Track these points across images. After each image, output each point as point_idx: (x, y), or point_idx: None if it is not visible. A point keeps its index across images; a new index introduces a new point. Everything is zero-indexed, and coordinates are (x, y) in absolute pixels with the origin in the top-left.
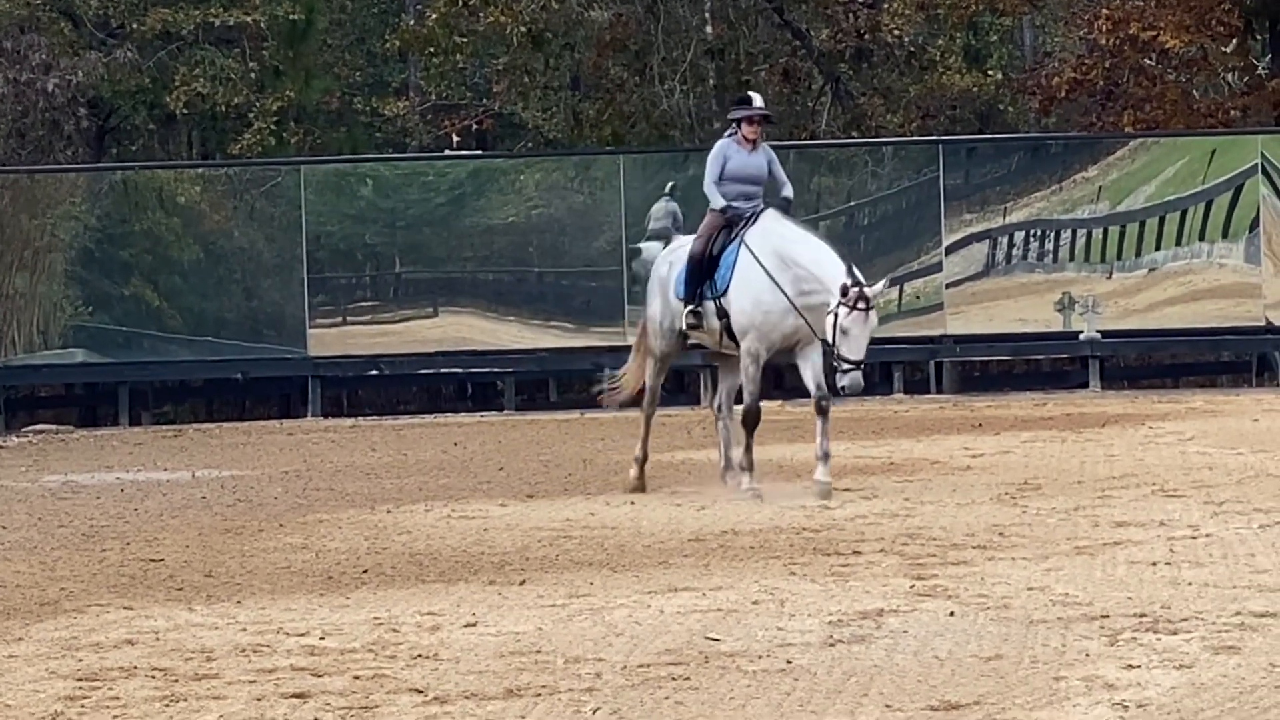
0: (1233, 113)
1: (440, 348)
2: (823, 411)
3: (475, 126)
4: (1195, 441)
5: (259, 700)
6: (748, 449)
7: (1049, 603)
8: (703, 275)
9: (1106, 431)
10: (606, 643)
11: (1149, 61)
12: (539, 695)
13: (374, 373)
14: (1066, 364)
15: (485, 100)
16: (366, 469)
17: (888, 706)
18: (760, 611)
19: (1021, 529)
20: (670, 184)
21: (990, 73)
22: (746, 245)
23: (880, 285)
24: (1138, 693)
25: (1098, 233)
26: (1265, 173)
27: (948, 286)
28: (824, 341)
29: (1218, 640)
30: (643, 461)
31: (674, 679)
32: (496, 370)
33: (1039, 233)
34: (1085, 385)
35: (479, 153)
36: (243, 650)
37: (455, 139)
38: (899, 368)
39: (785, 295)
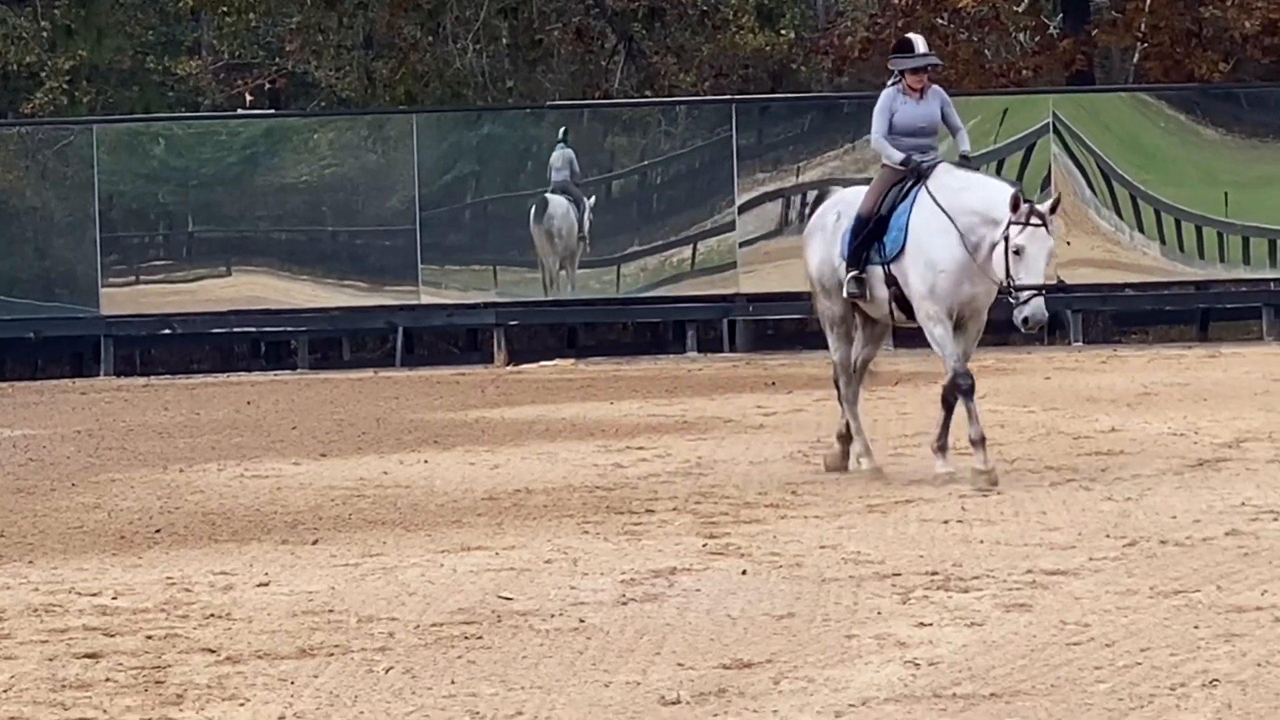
0: (1024, 72)
1: (233, 306)
2: (965, 392)
3: (268, 86)
4: (987, 399)
5: (51, 660)
6: (975, 418)
7: (841, 561)
8: (871, 237)
9: (899, 390)
10: (399, 602)
11: (941, 21)
12: (332, 654)
13: (167, 332)
14: None
15: (278, 59)
16: (159, 428)
17: (680, 665)
18: (553, 570)
19: (814, 487)
20: (563, 129)
21: (783, 32)
22: (921, 202)
23: (1050, 203)
24: (929, 650)
25: None
26: (1056, 132)
27: (741, 245)
28: (999, 284)
29: (1009, 598)
30: (848, 439)
31: (467, 638)
32: (290, 329)
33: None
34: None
35: (272, 112)
36: (34, 610)
37: (248, 98)
38: (692, 326)
39: (963, 253)
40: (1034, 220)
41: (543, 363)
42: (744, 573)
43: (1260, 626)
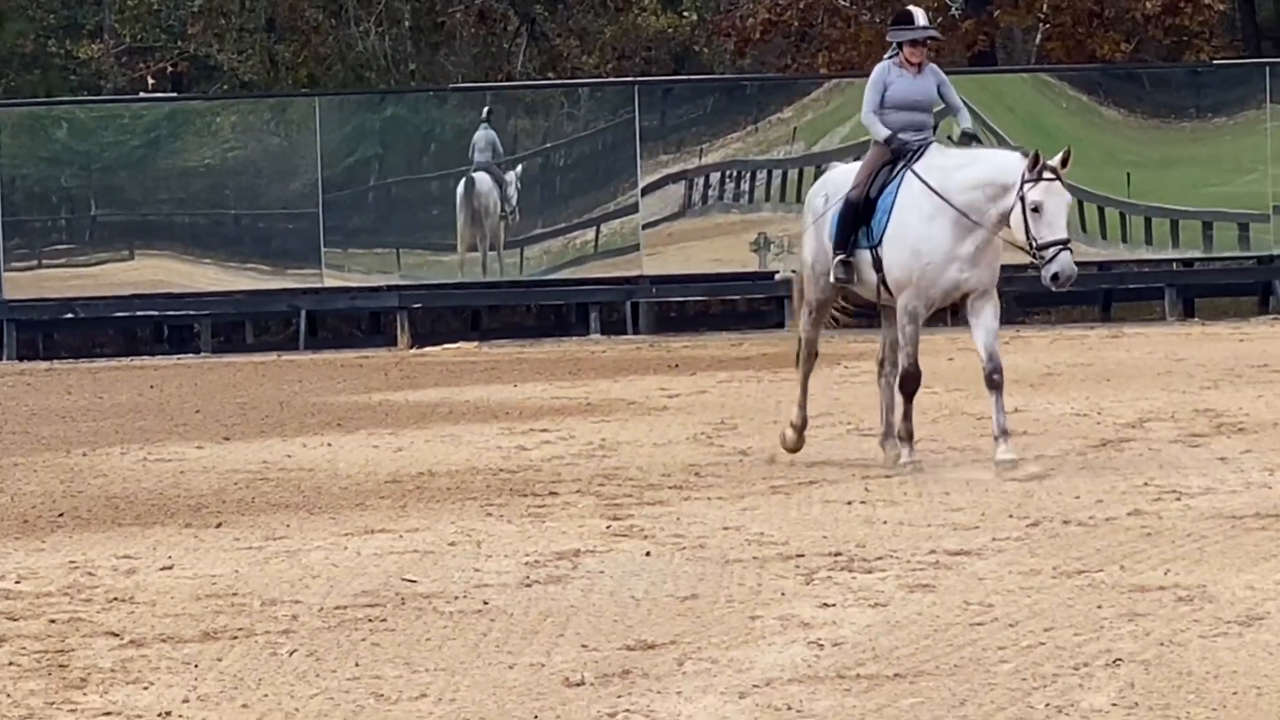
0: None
1: (136, 290)
2: (995, 386)
3: (171, 69)
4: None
5: None
6: (906, 416)
7: (745, 542)
8: (858, 220)
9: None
10: (303, 585)
11: (843, 2)
12: (235, 638)
13: (69, 316)
14: (762, 304)
15: (180, 43)
16: (62, 412)
17: (584, 646)
18: (457, 553)
19: (717, 469)
20: (486, 108)
21: (686, 14)
22: (908, 185)
23: (1060, 156)
24: (833, 631)
25: (793, 173)
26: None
27: (644, 227)
28: (1023, 249)
29: (912, 579)
30: (801, 426)
31: (370, 620)
32: (193, 313)
33: (735, 174)
34: (781, 325)
35: (174, 95)
36: None
37: (151, 81)
38: (596, 308)
39: (953, 240)
40: (1046, 175)
41: (446, 345)
42: (648, 554)
43: (1163, 606)
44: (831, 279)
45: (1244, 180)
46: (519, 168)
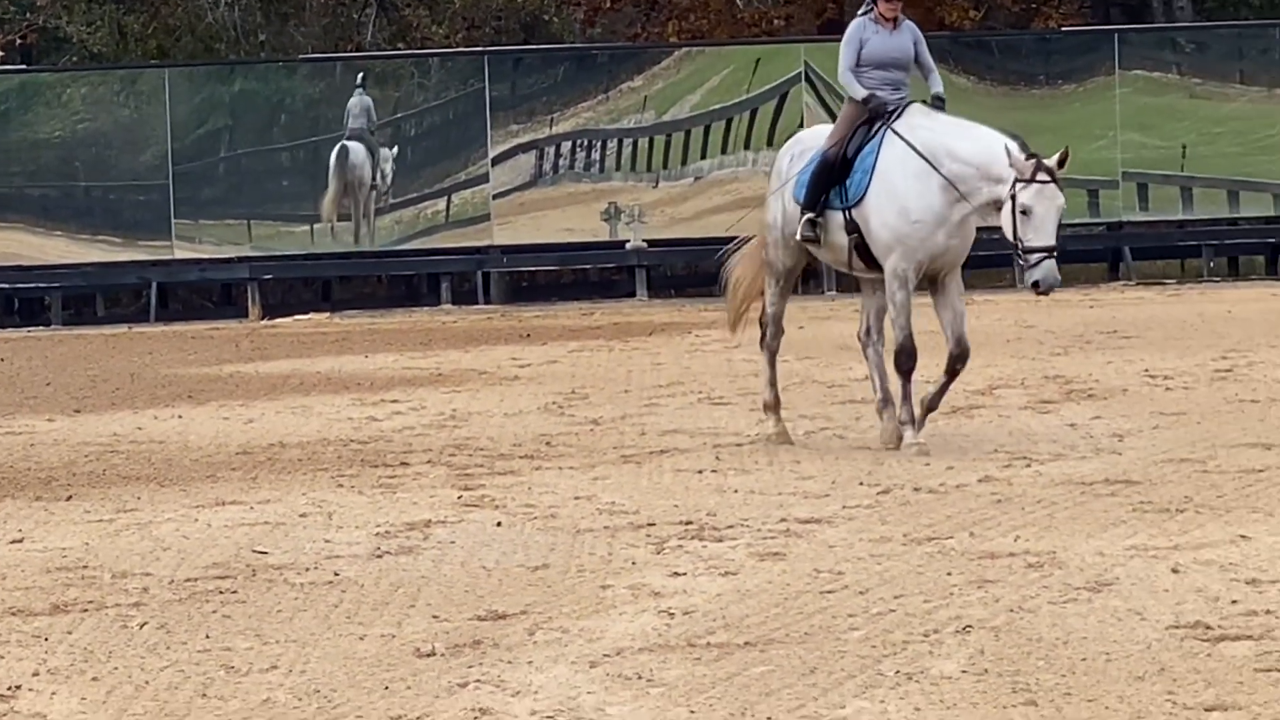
0: (776, 22)
1: None
2: (953, 374)
3: (19, 41)
4: (741, 349)
5: None
6: (907, 397)
7: (596, 511)
8: (832, 179)
9: (653, 340)
10: (154, 557)
11: None
12: (86, 611)
13: None
14: (614, 273)
15: (29, 14)
16: None
17: (435, 617)
18: (308, 524)
19: (568, 438)
20: (360, 74)
21: None
22: (890, 144)
23: (1057, 157)
24: (683, 600)
25: (644, 142)
26: (809, 80)
27: (495, 197)
28: (1008, 240)
29: (763, 547)
30: (775, 405)
31: (221, 592)
32: (43, 285)
33: (585, 143)
34: (632, 294)
35: (23, 67)
36: None
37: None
38: (447, 278)
39: (941, 202)
40: (1041, 177)
41: (297, 317)
42: (499, 524)
43: (1013, 573)
44: (798, 236)
45: (1093, 147)
46: (395, 149)
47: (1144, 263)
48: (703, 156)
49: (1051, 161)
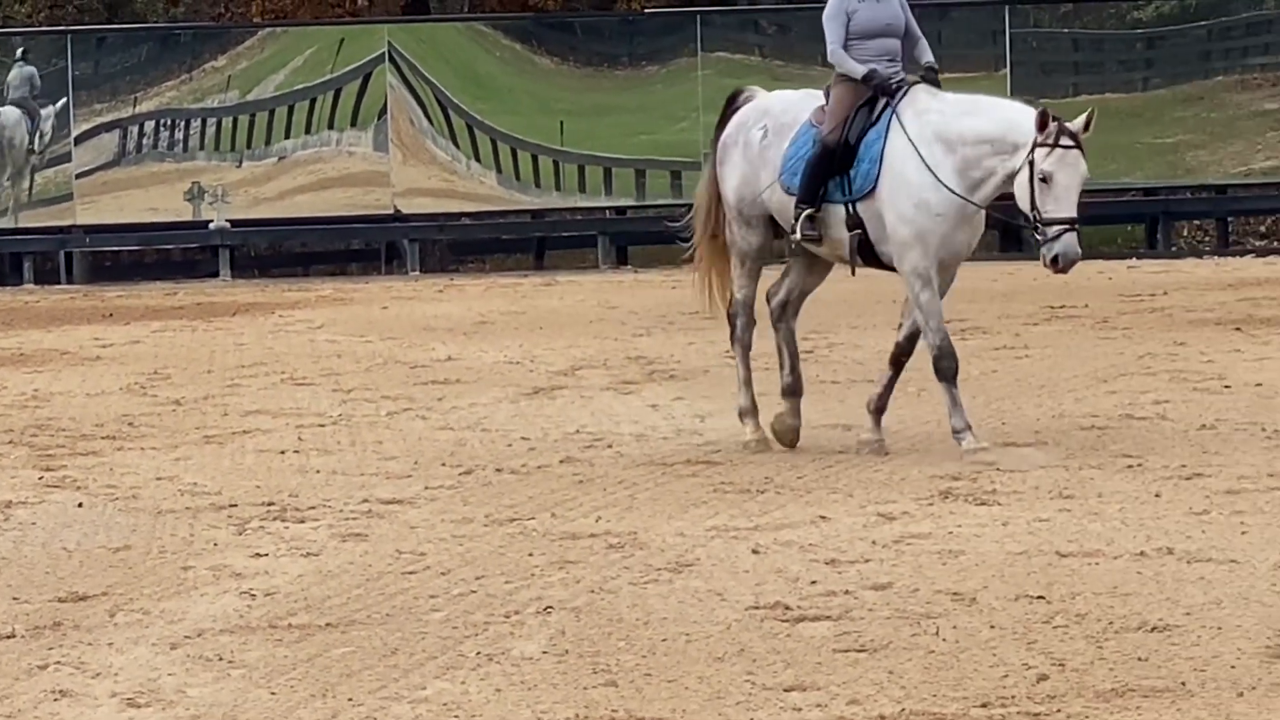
0: (360, 2)
1: None
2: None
3: None
4: (325, 330)
5: None
6: (957, 403)
7: (178, 492)
8: (833, 168)
9: (236, 320)
10: None
11: None
12: None
13: None
14: (197, 253)
15: None
16: None
17: (15, 599)
18: None
19: (151, 419)
20: (21, 49)
21: None
22: (897, 131)
23: (1083, 120)
24: (265, 581)
25: (227, 122)
26: (393, 61)
27: (78, 177)
28: (1023, 213)
29: (345, 528)
30: (753, 410)
31: None
32: None
33: (169, 122)
34: (216, 274)
35: None
36: None
37: None
38: (29, 258)
39: (958, 194)
40: (1064, 141)
41: None
42: (80, 505)
43: (594, 554)
44: (797, 235)
45: (675, 129)
46: (58, 103)
47: None
48: (286, 136)
49: (1076, 125)
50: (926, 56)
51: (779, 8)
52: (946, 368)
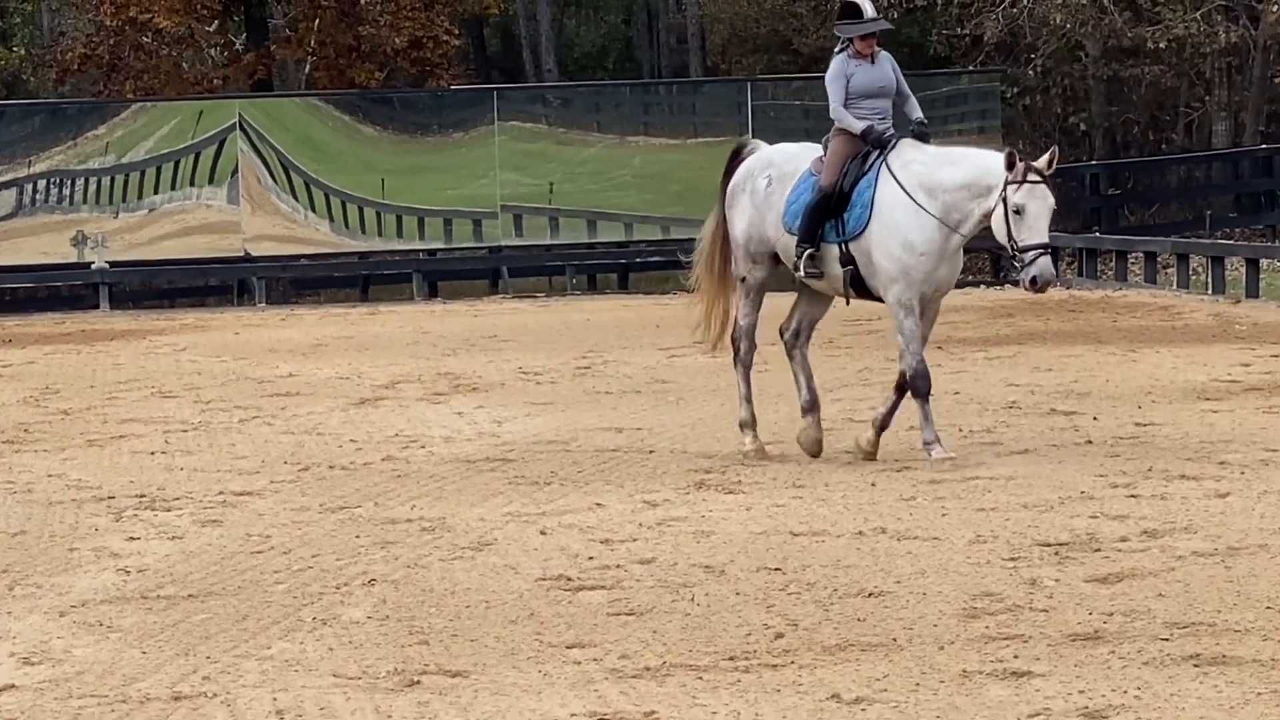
0: (216, 81)
1: None
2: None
3: None
4: (188, 352)
5: None
6: (928, 418)
7: (65, 487)
8: (829, 213)
9: (115, 344)
10: None
11: (147, 39)
12: None
13: None
14: (82, 289)
15: None
16: None
17: None
18: None
19: (44, 426)
20: None
21: (15, 49)
22: (889, 177)
23: (1046, 158)
24: (138, 560)
25: (106, 180)
26: (244, 130)
27: None
28: (1003, 246)
29: (204, 515)
30: (753, 423)
31: None
32: None
33: (58, 181)
34: (97, 307)
35: None
36: None
37: None
38: None
39: (942, 234)
40: (1031, 177)
41: None
42: None
43: (410, 535)
44: (800, 273)
45: (477, 184)
46: None
47: (519, 279)
48: (155, 192)
49: (1041, 163)
50: (916, 113)
51: (563, 85)
52: (920, 387)
